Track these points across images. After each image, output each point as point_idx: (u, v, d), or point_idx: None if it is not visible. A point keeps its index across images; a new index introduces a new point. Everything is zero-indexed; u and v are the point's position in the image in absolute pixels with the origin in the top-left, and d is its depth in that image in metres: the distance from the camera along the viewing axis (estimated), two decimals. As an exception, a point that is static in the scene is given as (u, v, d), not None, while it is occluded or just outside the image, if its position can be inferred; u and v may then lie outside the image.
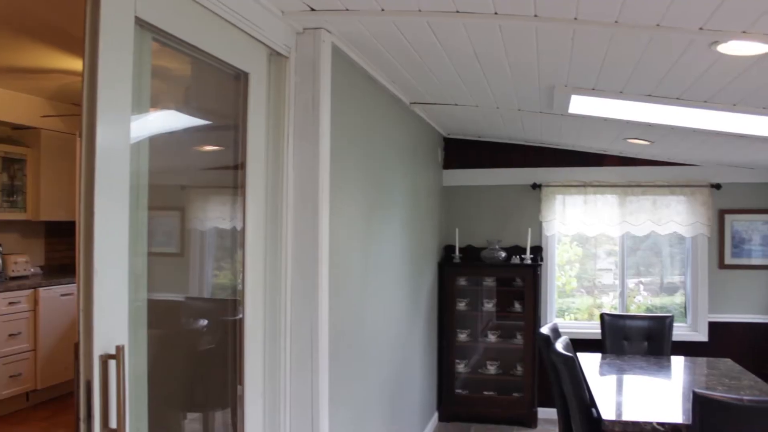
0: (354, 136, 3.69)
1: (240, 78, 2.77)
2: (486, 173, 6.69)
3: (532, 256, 6.41)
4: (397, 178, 4.75)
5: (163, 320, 2.57)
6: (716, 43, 2.63)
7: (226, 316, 2.95)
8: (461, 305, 6.47)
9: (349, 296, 3.61)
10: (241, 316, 2.81)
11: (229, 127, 2.84)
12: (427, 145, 5.89)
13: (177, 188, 2.79)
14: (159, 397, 2.39)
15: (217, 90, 2.88)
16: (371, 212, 4.06)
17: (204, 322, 2.96)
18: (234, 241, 2.91)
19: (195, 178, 2.89)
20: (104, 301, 1.85)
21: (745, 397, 3.13)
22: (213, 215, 3.00)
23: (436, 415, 6.38)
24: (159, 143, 2.37)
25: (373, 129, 4.09)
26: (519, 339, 6.38)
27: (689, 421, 3.26)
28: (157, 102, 2.36)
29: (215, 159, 2.99)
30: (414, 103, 4.94)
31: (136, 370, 2.09)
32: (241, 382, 2.81)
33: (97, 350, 1.82)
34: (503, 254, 6.37)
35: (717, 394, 3.17)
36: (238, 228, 2.83)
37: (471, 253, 6.60)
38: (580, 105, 4.25)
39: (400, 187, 4.84)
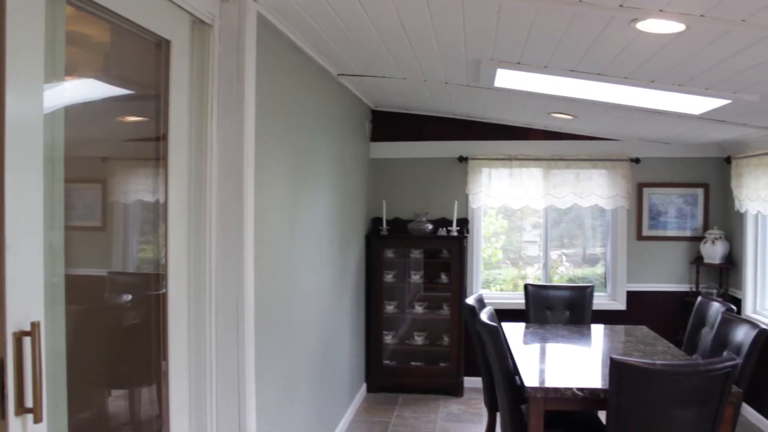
0: (280, 107, 3.64)
1: (161, 46, 2.69)
2: (413, 146, 6.72)
3: (458, 228, 6.50)
4: (325, 151, 4.72)
5: (84, 296, 2.50)
6: (635, 20, 2.70)
7: (150, 290, 2.88)
8: (389, 277, 6.52)
9: (275, 269, 3.58)
10: (164, 290, 2.76)
11: (151, 97, 2.75)
12: (355, 117, 5.87)
13: (98, 160, 2.69)
14: (80, 374, 2.33)
15: (137, 58, 2.79)
16: (298, 185, 4.03)
17: (128, 297, 2.89)
18: (159, 215, 2.84)
19: (117, 149, 2.80)
20: (17, 276, 1.78)
21: (658, 362, 3.27)
22: (137, 188, 2.92)
23: (364, 387, 6.44)
24: (76, 113, 2.28)
25: (299, 100, 4.05)
26: (446, 310, 6.48)
27: (607, 386, 3.38)
28: (73, 70, 2.27)
29: (138, 130, 2.90)
30: (341, 74, 4.90)
31: (54, 347, 2.03)
32: (166, 358, 2.77)
33: (10, 327, 1.75)
34: (430, 226, 6.44)
35: (632, 359, 3.30)
36: (162, 201, 2.77)
37: (398, 225, 6.64)
38: (506, 79, 4.30)
39: (328, 160, 4.81)
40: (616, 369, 3.27)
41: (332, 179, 4.94)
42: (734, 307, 4.58)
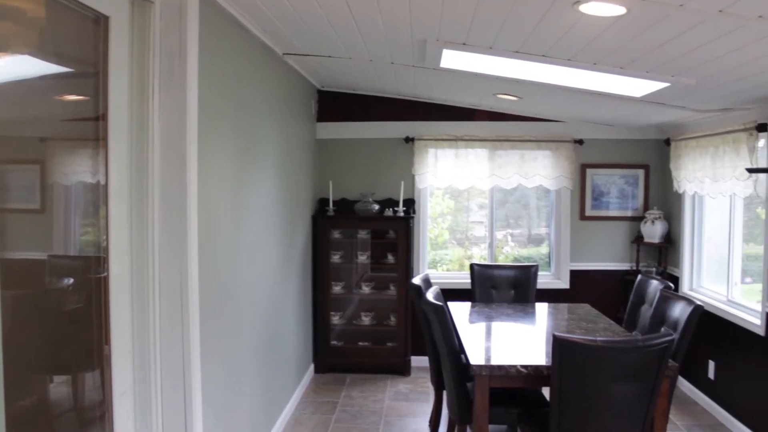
0: (224, 86, 3.59)
1: (100, 22, 2.61)
2: (360, 126, 6.70)
3: (405, 208, 6.52)
4: (270, 131, 4.68)
5: (22, 280, 2.43)
6: (578, 2, 2.73)
7: (93, 274, 2.82)
8: (335, 258, 6.52)
9: (220, 251, 3.55)
10: (106, 273, 2.71)
11: (90, 75, 2.68)
12: (301, 97, 5.82)
13: (35, 140, 2.61)
14: (18, 361, 2.27)
15: (75, 35, 2.70)
16: (243, 165, 3.98)
17: (69, 280, 2.82)
18: (100, 196, 2.77)
19: (56, 129, 2.72)
20: (-50, 260, 1.72)
21: (599, 339, 3.35)
22: (78, 169, 2.84)
23: (312, 367, 6.45)
24: (9, 91, 2.21)
25: (244, 80, 3.99)
26: (392, 290, 6.52)
27: (550, 363, 3.45)
28: (5, 46, 2.19)
29: (77, 109, 2.82)
30: (287, 54, 4.85)
31: (-10, 332, 1.97)
32: (108, 342, 2.72)
33: (-56, 313, 1.70)
34: (377, 207, 6.45)
35: (574, 336, 3.37)
36: (103, 182, 2.70)
37: (345, 206, 6.63)
38: (452, 59, 4.32)
39: (273, 140, 4.76)
40: (558, 346, 3.34)
41: (278, 159, 4.90)
42: (672, 285, 4.71)
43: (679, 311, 4.15)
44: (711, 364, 5.57)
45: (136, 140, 2.83)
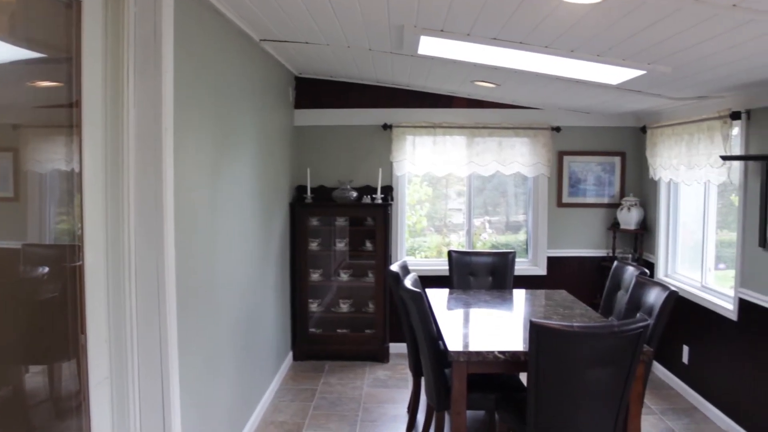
0: (200, 72, 3.55)
1: (72, 6, 2.57)
2: (338, 113, 6.68)
3: (383, 195, 6.52)
4: (247, 118, 4.64)
5: (-6, 268, 2.40)
6: (556, -11, 2.73)
7: (68, 263, 2.79)
8: (313, 245, 6.51)
9: (197, 239, 3.52)
10: (81, 262, 2.68)
11: (63, 61, 2.64)
12: (278, 84, 5.78)
13: (8, 127, 2.58)
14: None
15: (47, 19, 2.66)
16: (219, 153, 3.95)
17: (44, 269, 2.79)
18: (75, 185, 2.74)
19: (29, 116, 2.68)
20: None
21: (575, 324, 3.38)
22: (52, 157, 2.80)
23: (290, 355, 6.44)
24: (-19, 77, 2.17)
25: (220, 66, 3.95)
26: (371, 277, 6.52)
27: (528, 349, 3.47)
28: (-24, 31, 2.15)
29: (51, 96, 2.78)
30: (264, 40, 4.81)
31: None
32: (84, 331, 2.70)
33: None
34: (355, 194, 6.44)
35: (551, 322, 3.40)
36: (77, 170, 2.67)
37: (323, 193, 6.62)
38: (430, 46, 4.31)
39: (250, 127, 4.73)
40: (535, 332, 3.37)
41: (255, 146, 4.87)
42: (647, 271, 4.76)
43: (654, 297, 4.20)
44: (685, 349, 5.65)
45: (110, 127, 2.79)
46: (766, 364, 4.44)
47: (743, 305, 4.73)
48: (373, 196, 6.49)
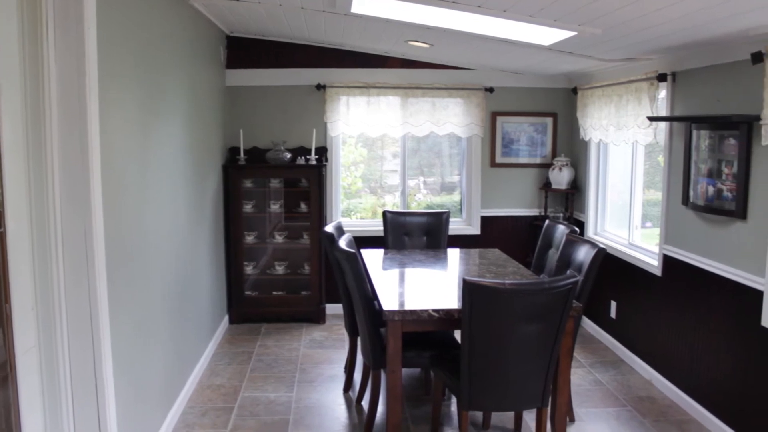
0: (125, 29, 3.42)
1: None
2: (271, 73, 6.56)
3: (317, 157, 6.48)
4: (176, 78, 4.52)
5: None
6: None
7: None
8: (248, 207, 6.43)
9: (127, 202, 3.44)
10: (3, 229, 2.58)
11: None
12: (208, 43, 5.63)
13: None
14: None
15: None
16: (148, 113, 3.84)
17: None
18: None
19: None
20: None
21: (507, 282, 3.45)
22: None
23: (226, 318, 6.40)
24: None
25: (147, 23, 3.82)
26: (306, 239, 6.50)
27: (461, 306, 3.53)
28: None
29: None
30: (193, -3, 4.68)
31: None
32: (8, 300, 2.61)
33: None
34: (289, 155, 6.38)
35: (484, 280, 3.46)
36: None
37: (256, 154, 6.53)
38: (363, 4, 4.25)
39: (180, 87, 4.61)
40: (468, 290, 3.42)
41: (185, 107, 4.75)
42: (577, 229, 4.88)
43: (583, 254, 4.31)
44: (613, 304, 5.84)
45: (30, 87, 2.67)
46: (684, 315, 4.63)
47: (667, 261, 4.91)
48: (308, 157, 6.44)
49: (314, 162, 6.40)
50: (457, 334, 4.37)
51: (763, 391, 3.83)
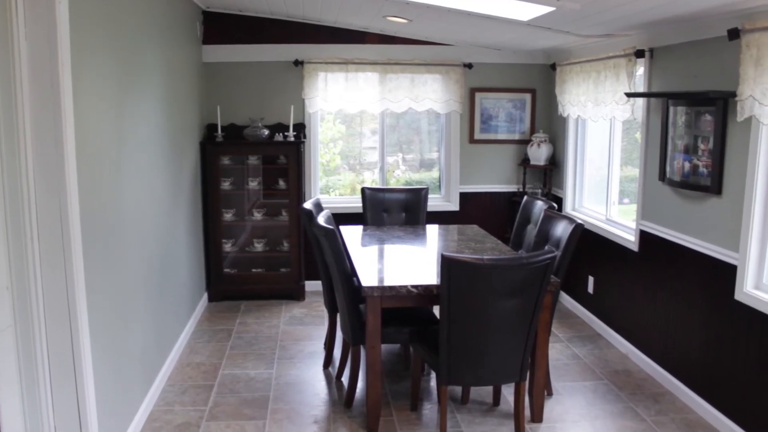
0: (98, 3, 3.36)
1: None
2: (248, 49, 6.49)
3: (295, 133, 6.44)
4: (152, 54, 4.45)
5: None
6: None
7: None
8: (226, 185, 6.39)
9: (103, 181, 3.39)
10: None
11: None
12: (184, 18, 5.56)
13: None
14: None
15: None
16: (123, 90, 3.79)
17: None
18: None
19: None
20: None
21: (485, 257, 3.46)
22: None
23: (205, 296, 6.38)
24: None
25: (121, -2, 3.76)
26: (285, 216, 6.48)
27: (440, 282, 3.54)
28: None
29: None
30: (167, -30, 4.60)
31: None
32: (-19, 279, 2.59)
33: None
34: (266, 132, 6.33)
35: (462, 256, 3.47)
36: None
37: (234, 131, 6.48)
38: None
39: (155, 63, 4.55)
40: (447, 266, 3.43)
41: (161, 83, 4.69)
42: (555, 205, 4.91)
43: (561, 230, 4.34)
44: (590, 279, 5.90)
45: (0, 64, 2.62)
46: (660, 289, 4.69)
47: (644, 236, 4.95)
48: (286, 133, 6.40)
49: (292, 139, 6.36)
50: (436, 310, 4.39)
51: (733, 363, 3.89)
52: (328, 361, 4.96)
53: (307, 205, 4.81)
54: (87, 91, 3.15)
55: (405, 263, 4.53)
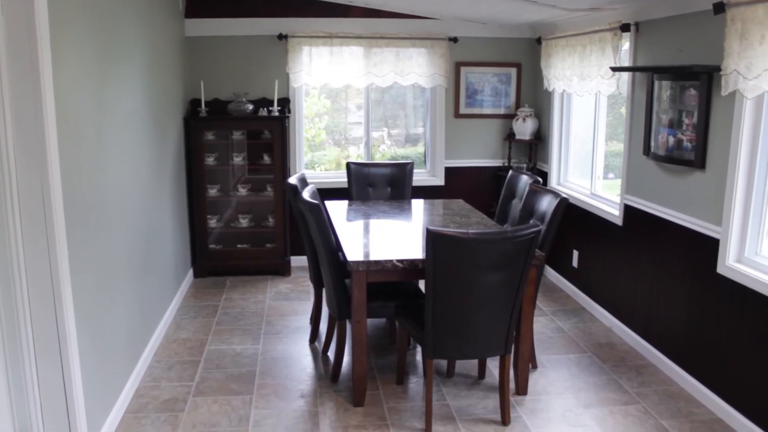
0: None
1: None
2: (231, 23, 6.42)
3: (279, 108, 6.40)
4: (133, 27, 4.39)
5: None
6: None
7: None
8: (210, 160, 6.35)
9: (85, 158, 3.36)
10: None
11: None
12: (166, -10, 5.48)
13: None
14: None
15: None
16: (104, 64, 3.73)
17: None
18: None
19: None
20: None
21: (470, 231, 3.47)
22: None
23: (191, 272, 6.37)
24: None
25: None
26: (269, 191, 6.46)
27: (425, 256, 3.55)
28: None
29: None
30: (148, -58, 4.52)
31: None
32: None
33: None
34: (251, 107, 6.29)
35: (447, 230, 3.48)
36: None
37: (218, 106, 6.43)
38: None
39: (137, 38, 4.49)
40: (432, 240, 3.44)
41: (143, 57, 4.63)
42: (540, 180, 4.92)
43: (546, 204, 4.35)
44: (575, 253, 5.93)
45: (-22, 35, 2.58)
46: (643, 263, 4.73)
47: (628, 210, 4.98)
48: (270, 108, 6.35)
49: (277, 113, 6.32)
50: (422, 285, 4.41)
51: (715, 335, 3.94)
52: (314, 335, 4.98)
53: (292, 180, 4.80)
54: (67, 64, 3.10)
55: (390, 238, 4.53)
